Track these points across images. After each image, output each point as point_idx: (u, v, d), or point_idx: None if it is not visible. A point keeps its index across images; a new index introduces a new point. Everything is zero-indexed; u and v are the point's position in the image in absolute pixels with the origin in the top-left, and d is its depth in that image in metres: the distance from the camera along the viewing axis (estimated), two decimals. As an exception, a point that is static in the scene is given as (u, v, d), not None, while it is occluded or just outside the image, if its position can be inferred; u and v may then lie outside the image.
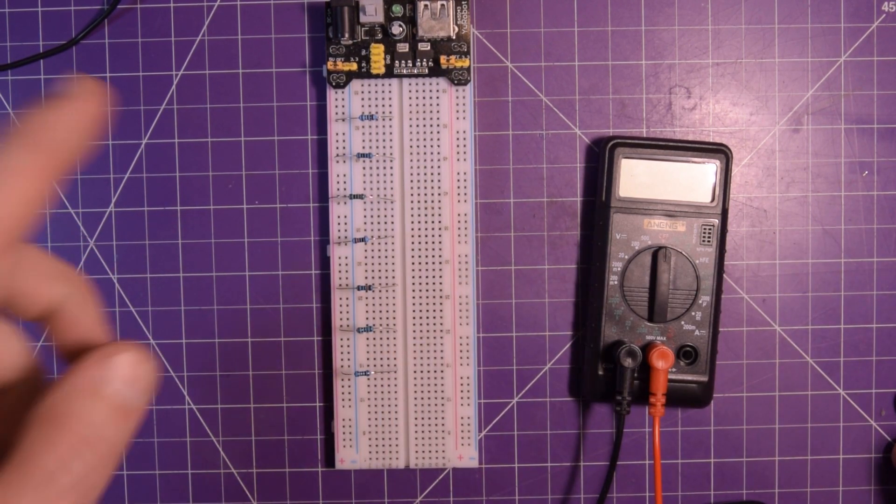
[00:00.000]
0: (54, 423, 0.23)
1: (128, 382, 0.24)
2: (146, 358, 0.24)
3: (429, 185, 0.39)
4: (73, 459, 0.22)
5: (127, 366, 0.24)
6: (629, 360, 0.38)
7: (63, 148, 0.24)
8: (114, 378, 0.24)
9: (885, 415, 0.41)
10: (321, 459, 0.41)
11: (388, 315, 0.39)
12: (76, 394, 0.23)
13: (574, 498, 0.41)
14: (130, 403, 0.24)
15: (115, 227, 0.41)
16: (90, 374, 0.24)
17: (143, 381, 0.24)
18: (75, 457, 0.23)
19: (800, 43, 0.41)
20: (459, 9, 0.39)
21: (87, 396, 0.23)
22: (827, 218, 0.41)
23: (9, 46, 0.41)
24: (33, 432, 0.22)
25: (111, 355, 0.24)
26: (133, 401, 0.24)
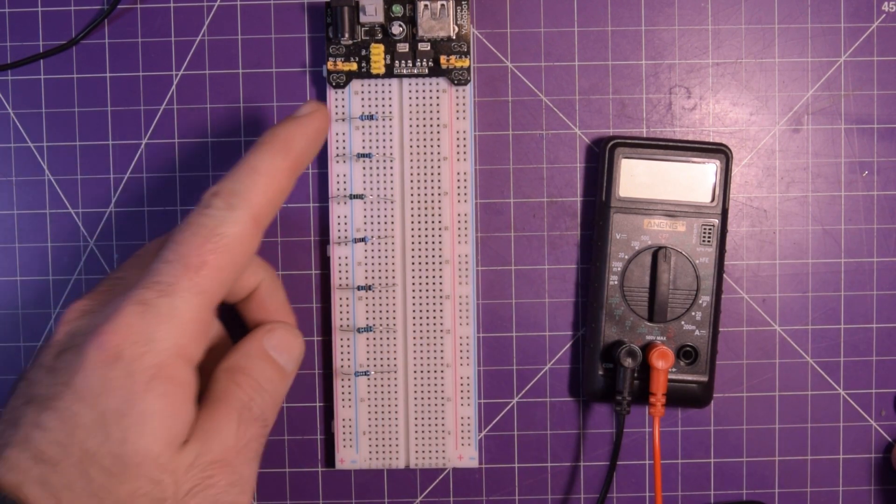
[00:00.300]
0: (239, 372, 0.32)
1: (281, 350, 0.34)
2: (297, 335, 0.35)
3: (429, 185, 0.39)
4: (255, 396, 0.32)
5: (282, 338, 0.34)
6: (629, 360, 0.38)
7: (302, 153, 0.33)
8: (273, 346, 0.33)
9: (885, 415, 0.41)
10: (321, 459, 0.41)
11: (388, 315, 0.39)
12: (249, 354, 0.33)
13: (574, 498, 0.41)
14: (285, 366, 0.34)
15: (115, 227, 0.41)
16: (259, 342, 0.33)
17: (292, 350, 0.34)
18: (255, 395, 0.32)
19: (800, 43, 0.41)
20: (459, 9, 0.39)
21: (256, 356, 0.33)
22: (827, 218, 0.41)
23: (9, 46, 0.41)
24: (225, 378, 0.32)
25: (272, 329, 0.34)
26: (286, 364, 0.34)
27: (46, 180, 0.41)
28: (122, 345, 0.28)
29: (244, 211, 0.31)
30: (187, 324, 0.29)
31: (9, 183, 0.41)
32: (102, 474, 0.27)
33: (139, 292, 0.29)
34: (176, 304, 0.29)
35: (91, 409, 0.28)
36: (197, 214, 0.30)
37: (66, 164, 0.41)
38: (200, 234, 0.30)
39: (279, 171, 0.32)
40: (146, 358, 0.28)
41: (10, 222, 0.41)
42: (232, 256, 0.30)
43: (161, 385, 0.28)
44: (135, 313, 0.28)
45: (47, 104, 0.41)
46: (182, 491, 0.28)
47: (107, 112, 0.41)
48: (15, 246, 0.41)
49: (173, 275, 0.29)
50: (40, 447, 0.28)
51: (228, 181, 0.31)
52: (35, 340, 0.41)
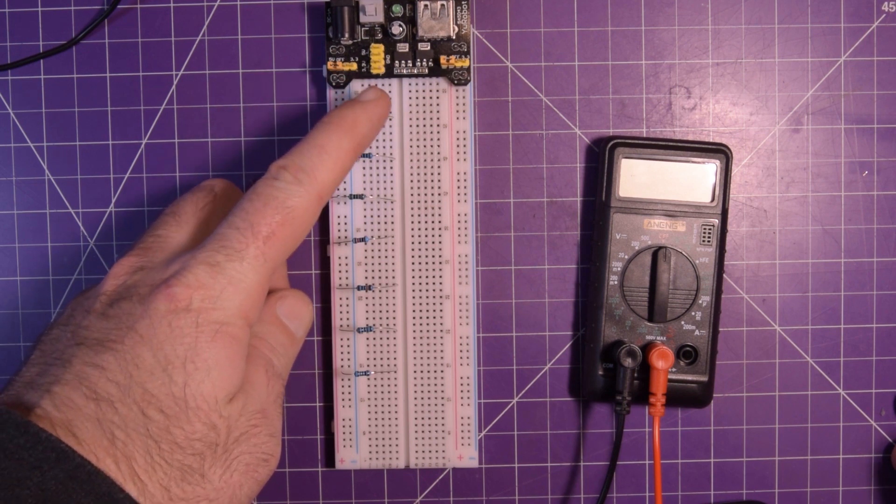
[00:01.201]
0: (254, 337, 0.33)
1: (292, 317, 0.35)
2: (307, 302, 0.36)
3: (429, 185, 0.39)
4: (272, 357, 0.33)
5: (294, 305, 0.36)
6: (629, 360, 0.38)
7: (365, 136, 0.35)
8: (285, 313, 0.35)
9: (885, 415, 0.41)
10: (321, 459, 0.41)
11: (388, 315, 0.39)
12: (263, 320, 0.34)
13: (574, 498, 0.41)
14: (296, 332, 0.35)
15: (115, 227, 0.41)
16: (272, 309, 0.35)
17: (303, 317, 0.36)
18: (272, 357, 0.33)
19: (800, 43, 0.41)
20: (459, 9, 0.39)
21: (269, 322, 0.34)
22: (827, 218, 0.41)
23: (9, 46, 0.41)
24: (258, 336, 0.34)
25: (283, 297, 0.35)
26: (297, 330, 0.35)
27: (46, 180, 0.41)
28: (192, 297, 0.29)
29: (311, 186, 0.32)
30: (251, 288, 0.31)
31: (9, 183, 0.41)
32: (161, 416, 0.28)
33: (209, 254, 0.30)
34: (244, 268, 0.30)
35: (155, 352, 0.29)
36: (266, 186, 0.32)
37: (66, 164, 0.41)
38: (271, 205, 0.31)
39: (344, 151, 0.34)
40: (213, 313, 0.29)
41: (10, 222, 0.41)
42: (296, 229, 0.32)
43: (225, 339, 0.29)
44: (205, 272, 0.30)
45: (47, 104, 0.41)
46: (232, 438, 0.30)
47: (107, 112, 0.41)
48: (15, 246, 0.41)
49: (243, 241, 0.31)
50: (97, 385, 0.28)
51: (297, 156, 0.33)
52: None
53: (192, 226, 0.34)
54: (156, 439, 0.28)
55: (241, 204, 0.32)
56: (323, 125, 0.34)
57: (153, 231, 0.34)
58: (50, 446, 0.26)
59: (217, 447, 0.29)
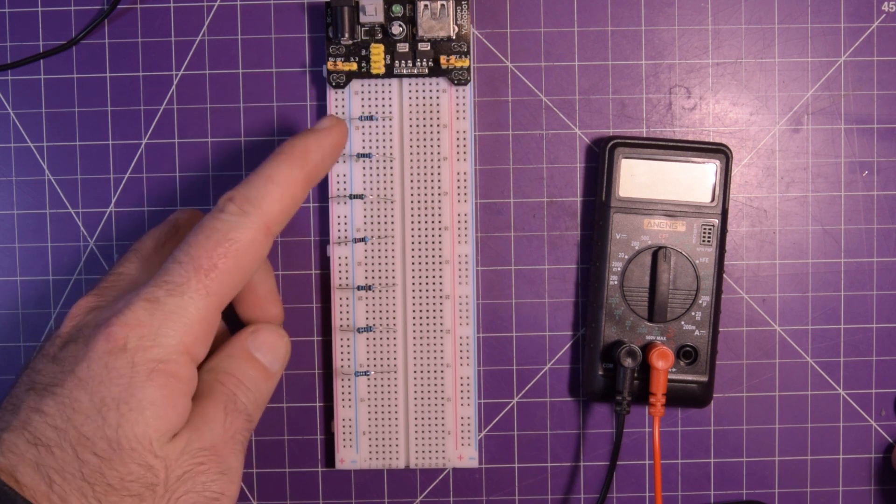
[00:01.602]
0: (222, 373, 0.33)
1: (266, 351, 0.34)
2: (282, 335, 0.35)
3: (429, 185, 0.39)
4: (238, 392, 0.32)
5: (266, 338, 0.35)
6: (629, 360, 0.38)
7: (317, 166, 0.33)
8: (257, 347, 0.34)
9: (885, 415, 0.41)
10: (321, 459, 0.41)
11: (388, 315, 0.39)
12: (232, 356, 0.34)
13: (574, 498, 0.41)
14: (270, 366, 0.34)
15: (115, 227, 0.41)
16: (242, 343, 0.34)
17: (277, 350, 0.35)
18: (238, 391, 0.33)
19: (800, 43, 0.41)
20: (459, 9, 0.39)
21: (239, 357, 0.34)
22: (827, 218, 0.41)
23: (9, 46, 0.41)
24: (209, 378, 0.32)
25: (256, 330, 0.35)
26: (271, 364, 0.34)
27: (46, 180, 0.41)
28: (128, 337, 0.29)
29: (257, 217, 0.32)
30: (193, 323, 0.30)
31: (9, 183, 0.41)
32: (95, 458, 0.28)
33: (149, 290, 0.30)
34: (184, 303, 0.30)
35: (91, 395, 0.29)
36: (211, 218, 0.32)
37: (66, 164, 0.41)
38: (213, 237, 0.31)
39: (294, 181, 0.33)
40: (150, 351, 0.29)
41: (10, 222, 0.41)
42: (241, 261, 0.31)
43: (161, 378, 0.29)
44: (144, 309, 0.30)
45: (47, 104, 0.41)
46: (173, 477, 0.29)
47: (107, 112, 0.41)
48: (15, 246, 0.41)
49: (183, 275, 0.30)
50: (37, 431, 0.28)
51: (244, 188, 0.32)
52: (35, 340, 0.41)
53: (153, 262, 0.34)
54: (90, 482, 0.28)
55: (187, 238, 0.31)
56: (273, 156, 0.33)
57: (114, 269, 0.34)
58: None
59: (157, 487, 0.29)
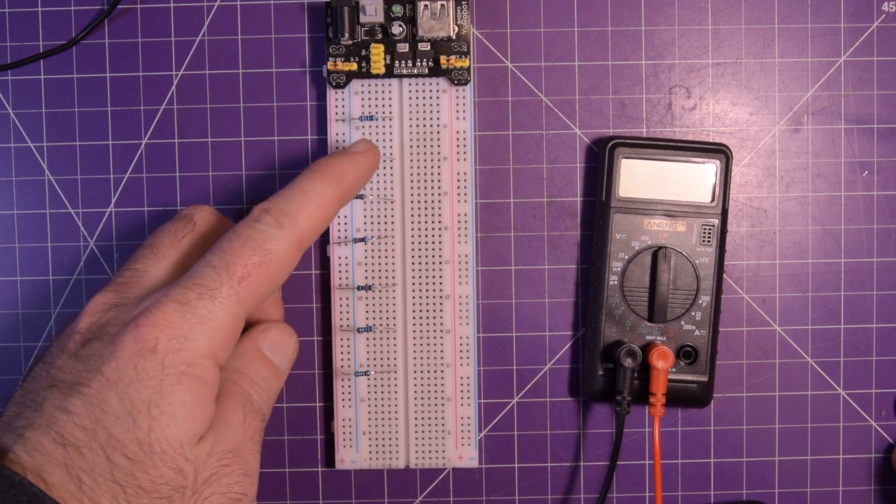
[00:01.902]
0: (235, 372, 0.33)
1: (276, 350, 0.35)
2: (291, 334, 0.36)
3: (429, 185, 0.39)
4: (253, 392, 0.33)
5: (276, 337, 0.35)
6: (629, 360, 0.38)
7: (351, 187, 0.35)
8: (268, 346, 0.35)
9: (885, 415, 0.41)
10: (321, 459, 0.41)
11: (388, 315, 0.39)
12: (245, 354, 0.34)
13: (574, 498, 0.41)
14: (279, 365, 0.35)
15: (115, 227, 0.41)
16: (254, 342, 0.34)
17: (286, 349, 0.35)
18: (253, 391, 0.33)
19: (800, 43, 0.41)
20: (459, 9, 0.39)
21: (252, 356, 0.34)
22: (827, 218, 0.41)
23: (9, 46, 0.41)
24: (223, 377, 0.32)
25: (266, 329, 0.35)
26: (280, 363, 0.35)
27: (46, 180, 0.41)
28: (159, 338, 0.29)
29: (291, 231, 0.32)
30: (222, 328, 0.30)
31: (9, 183, 0.41)
32: (126, 461, 0.28)
33: (181, 291, 0.30)
34: (215, 308, 0.30)
35: (120, 396, 0.29)
36: (247, 227, 0.32)
37: (66, 164, 0.41)
38: (249, 246, 0.31)
39: (329, 199, 0.34)
40: (180, 354, 0.29)
41: (10, 222, 0.41)
42: (273, 272, 0.32)
43: (191, 381, 0.29)
44: (174, 311, 0.30)
45: (47, 104, 0.41)
46: (201, 479, 0.29)
47: (107, 112, 0.41)
48: (15, 246, 0.41)
49: (217, 280, 0.30)
50: (65, 430, 0.28)
51: (280, 200, 0.33)
52: (35, 340, 0.41)
53: (170, 259, 0.34)
54: (121, 484, 0.28)
55: (220, 243, 0.32)
56: (310, 172, 0.34)
57: (130, 265, 0.34)
58: (23, 489, 0.26)
59: (185, 490, 0.29)
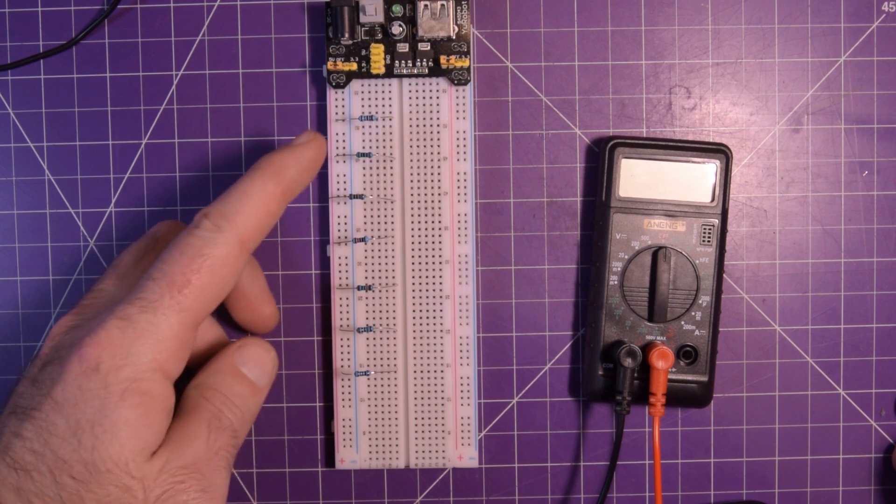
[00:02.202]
0: (208, 389, 0.33)
1: (253, 366, 0.34)
2: (269, 349, 0.35)
3: (429, 185, 0.39)
4: (224, 409, 0.32)
5: (253, 353, 0.34)
6: (629, 360, 0.38)
7: (294, 181, 0.34)
8: (244, 362, 0.34)
9: (885, 414, 0.41)
10: (321, 459, 0.41)
11: (388, 315, 0.39)
12: (219, 371, 0.33)
13: (574, 498, 0.41)
14: (257, 381, 0.34)
15: (115, 227, 0.41)
16: (229, 358, 0.34)
17: (264, 365, 0.34)
18: (224, 408, 0.32)
19: (800, 43, 0.41)
20: (459, 9, 0.39)
21: (226, 372, 0.33)
22: (827, 218, 0.41)
23: (9, 46, 0.41)
24: (195, 394, 0.32)
25: (242, 345, 0.34)
26: (258, 379, 0.34)
27: (46, 180, 0.41)
28: (101, 357, 0.29)
29: (231, 233, 0.31)
30: (166, 340, 0.30)
31: (9, 183, 0.41)
32: (73, 481, 0.28)
33: (123, 308, 0.30)
34: (157, 320, 0.30)
35: (66, 418, 0.29)
36: (186, 234, 0.32)
37: (66, 164, 0.41)
38: (187, 253, 0.31)
39: (269, 195, 0.33)
40: (123, 371, 0.29)
41: (10, 222, 0.41)
42: (216, 277, 0.31)
43: (135, 397, 0.29)
44: (116, 328, 0.30)
45: (47, 104, 0.41)
46: (152, 497, 0.29)
47: (107, 112, 0.41)
48: (15, 246, 0.41)
49: (156, 292, 0.30)
50: (17, 455, 0.29)
51: (219, 203, 0.32)
52: (35, 340, 0.41)
53: (130, 278, 0.34)
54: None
55: (161, 255, 0.31)
56: (249, 171, 0.33)
57: (94, 286, 0.34)
58: None
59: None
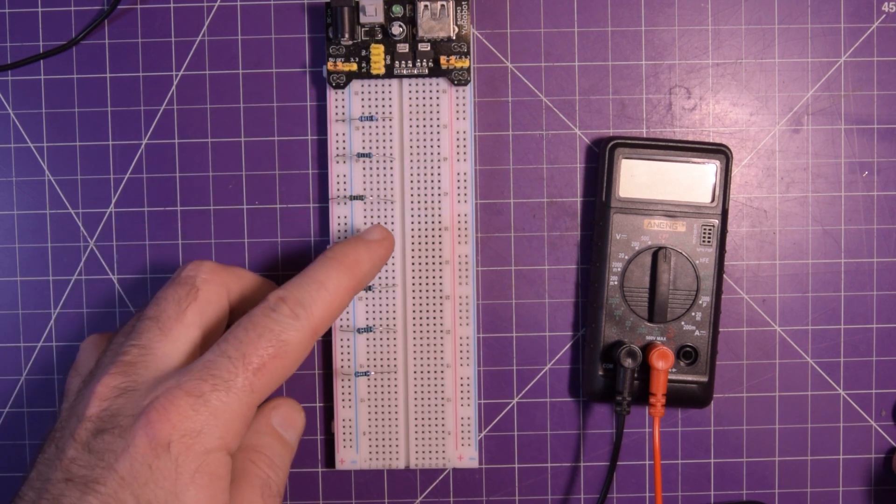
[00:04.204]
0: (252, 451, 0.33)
1: (286, 426, 0.35)
2: (299, 409, 0.36)
3: (429, 185, 0.39)
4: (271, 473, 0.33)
5: (287, 414, 0.35)
6: (629, 361, 0.38)
7: (366, 275, 0.35)
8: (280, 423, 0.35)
9: (885, 415, 0.41)
10: (321, 459, 0.41)
11: (389, 315, 0.39)
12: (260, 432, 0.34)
13: (574, 498, 0.41)
14: (290, 440, 0.35)
15: (115, 227, 0.41)
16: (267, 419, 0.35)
17: (296, 425, 0.35)
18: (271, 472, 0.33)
19: (800, 43, 0.41)
20: (459, 9, 0.39)
21: (266, 433, 0.34)
22: (827, 218, 0.41)
23: (9, 46, 0.41)
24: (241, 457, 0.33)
25: (276, 406, 0.35)
26: (291, 439, 0.35)
27: (46, 180, 0.41)
28: (171, 435, 0.29)
29: (307, 322, 0.32)
30: (234, 420, 0.30)
31: (9, 183, 0.41)
32: None
33: (195, 384, 0.30)
34: (230, 400, 0.30)
35: (136, 497, 0.28)
36: (263, 316, 0.31)
37: (66, 164, 0.41)
38: (266, 336, 0.31)
39: (343, 288, 0.33)
40: (193, 451, 0.29)
41: (10, 222, 0.41)
42: (287, 362, 0.31)
43: (204, 478, 0.29)
44: (188, 405, 0.29)
45: (47, 104, 0.41)
46: None
47: (107, 112, 0.41)
48: (15, 246, 0.41)
49: (232, 371, 0.30)
50: None
51: (297, 289, 0.32)
52: (35, 340, 0.41)
53: (177, 333, 0.33)
54: None
55: (236, 332, 0.31)
56: (326, 260, 0.34)
57: (136, 340, 0.33)
58: None
59: None
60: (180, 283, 0.35)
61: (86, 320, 0.41)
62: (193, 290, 0.34)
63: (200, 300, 0.34)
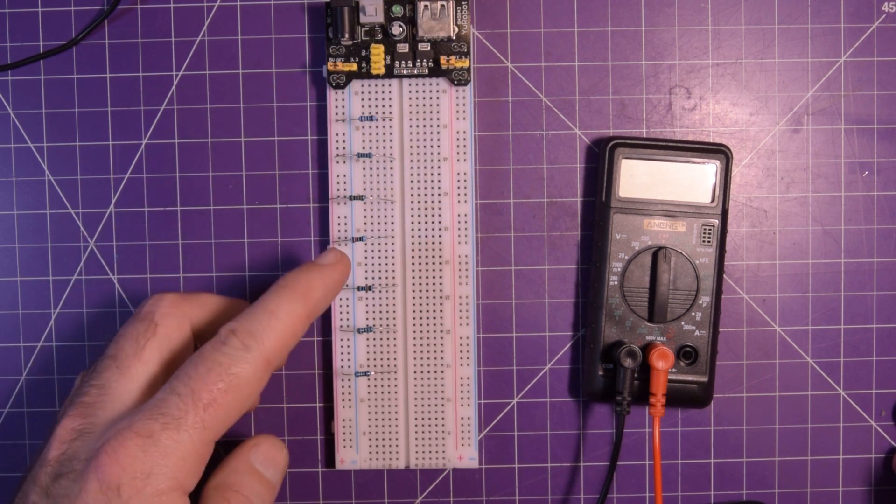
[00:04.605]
0: (228, 489, 0.33)
1: (266, 464, 0.34)
2: (282, 447, 0.35)
3: (429, 185, 0.39)
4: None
5: (268, 452, 0.34)
6: (629, 361, 0.38)
7: (319, 302, 0.34)
8: (260, 461, 0.34)
9: (885, 415, 0.41)
10: (321, 460, 0.41)
11: (388, 315, 0.39)
12: (237, 471, 0.34)
13: (574, 498, 0.41)
14: (272, 479, 0.34)
15: (115, 227, 0.41)
16: (245, 457, 0.34)
17: (278, 463, 0.35)
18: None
19: (800, 43, 0.41)
20: (459, 9, 0.39)
21: (244, 472, 0.34)
22: (827, 218, 0.41)
23: (9, 46, 0.41)
24: (216, 496, 0.32)
25: (257, 444, 0.34)
26: (272, 477, 0.34)
27: (46, 180, 0.41)
28: (121, 477, 0.28)
29: (258, 353, 0.31)
30: (187, 458, 0.30)
31: (9, 183, 0.41)
32: None
33: (144, 423, 0.29)
34: (180, 437, 0.29)
35: None
36: (213, 350, 0.31)
37: (66, 164, 0.41)
38: (214, 370, 0.30)
39: (296, 316, 0.33)
40: (143, 494, 0.29)
41: (10, 222, 0.41)
42: (240, 395, 0.31)
43: None
44: (136, 446, 0.29)
45: (47, 104, 0.41)
46: None
47: (107, 112, 0.41)
48: (15, 246, 0.41)
49: (182, 409, 0.30)
50: None
51: (247, 320, 0.32)
52: (35, 341, 0.41)
53: (134, 371, 0.33)
54: None
55: (186, 368, 0.31)
56: (278, 289, 0.33)
57: (95, 380, 0.32)
58: None
59: None
60: (139, 319, 0.34)
61: (86, 320, 0.41)
62: (152, 326, 0.34)
63: (160, 335, 0.34)
